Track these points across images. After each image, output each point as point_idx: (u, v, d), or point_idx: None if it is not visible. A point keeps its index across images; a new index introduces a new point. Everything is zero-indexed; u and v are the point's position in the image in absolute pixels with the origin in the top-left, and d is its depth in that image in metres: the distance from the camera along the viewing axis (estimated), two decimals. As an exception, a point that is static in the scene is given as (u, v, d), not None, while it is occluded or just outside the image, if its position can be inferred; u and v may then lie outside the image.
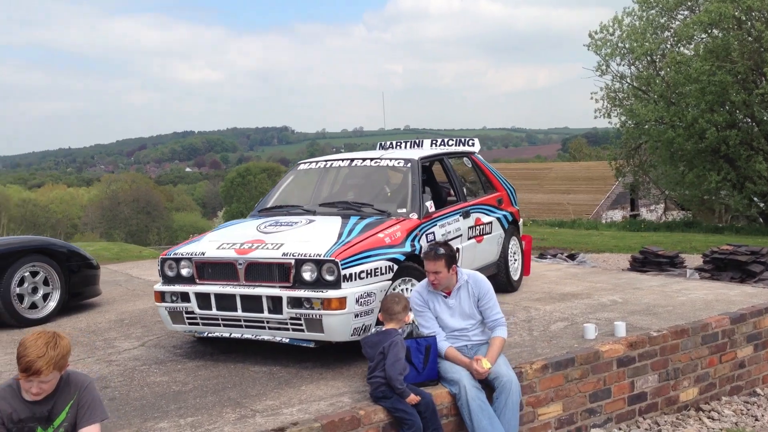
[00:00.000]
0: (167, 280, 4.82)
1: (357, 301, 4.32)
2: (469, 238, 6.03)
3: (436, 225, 5.44)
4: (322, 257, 4.34)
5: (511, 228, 6.90)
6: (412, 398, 3.79)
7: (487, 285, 4.36)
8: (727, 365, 5.48)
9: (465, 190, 6.47)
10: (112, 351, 5.15)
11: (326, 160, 6.12)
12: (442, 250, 4.19)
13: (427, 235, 5.26)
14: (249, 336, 4.60)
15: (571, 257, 10.12)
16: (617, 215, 40.84)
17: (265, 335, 4.53)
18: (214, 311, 4.60)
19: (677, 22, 23.29)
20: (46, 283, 6.17)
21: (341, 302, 4.28)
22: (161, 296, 4.80)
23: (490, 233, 6.43)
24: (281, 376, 4.37)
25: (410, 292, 4.53)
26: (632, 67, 24.37)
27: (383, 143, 7.40)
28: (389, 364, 3.82)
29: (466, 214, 6.03)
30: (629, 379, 4.87)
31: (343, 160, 6.02)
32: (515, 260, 6.96)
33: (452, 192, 6.28)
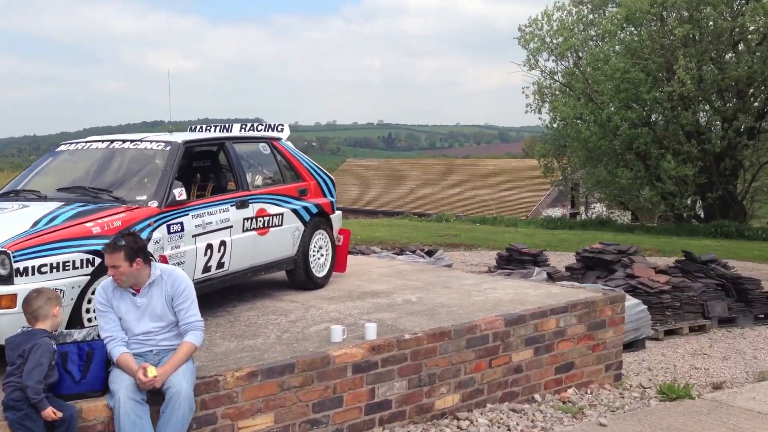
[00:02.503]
0: None
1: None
2: (246, 230, 5.58)
3: (187, 215, 4.97)
4: (-6, 248, 3.85)
5: (317, 221, 6.46)
6: (49, 413, 3.31)
7: (185, 283, 3.91)
8: (499, 370, 5.13)
9: (261, 178, 6.03)
10: None
11: (87, 142, 5.61)
12: (122, 241, 3.72)
13: (170, 225, 4.80)
14: None
15: (429, 254, 9.80)
16: (557, 212, 40.90)
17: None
18: None
19: (605, 19, 23.24)
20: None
21: (11, 300, 3.80)
22: None
23: (281, 225, 5.98)
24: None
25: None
26: (559, 63, 24.30)
27: (193, 126, 6.94)
28: (27, 371, 3.35)
29: (242, 204, 5.57)
30: (369, 386, 4.48)
31: (102, 141, 5.52)
32: (321, 255, 6.54)
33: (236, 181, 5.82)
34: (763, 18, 18.11)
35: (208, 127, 6.80)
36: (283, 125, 6.67)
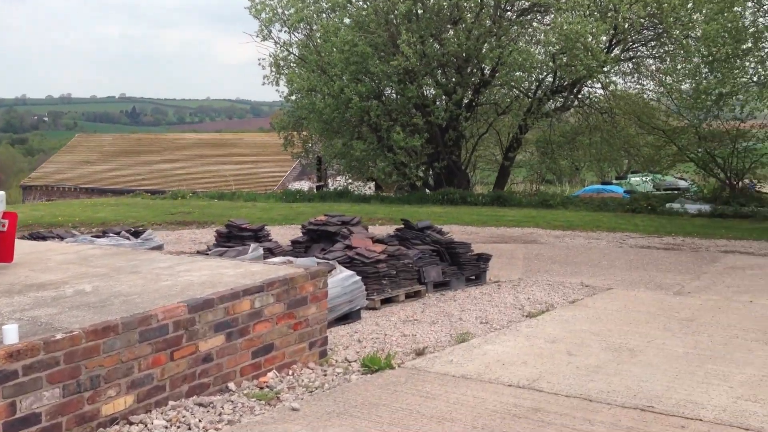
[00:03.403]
0: None
1: None
2: None
3: None
4: None
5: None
6: None
7: None
8: (183, 362, 4.58)
9: None
10: None
11: None
12: None
13: None
14: None
15: (136, 234, 8.96)
16: (305, 186, 41.13)
17: None
18: None
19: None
20: None
21: None
22: None
23: None
24: None
25: None
26: (293, 34, 24.12)
27: None
28: None
29: None
30: (7, 401, 3.68)
31: None
32: (-23, 244, 5.47)
33: None
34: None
35: None
36: None
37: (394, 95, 21.56)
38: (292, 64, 23.84)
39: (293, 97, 23.94)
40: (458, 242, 10.17)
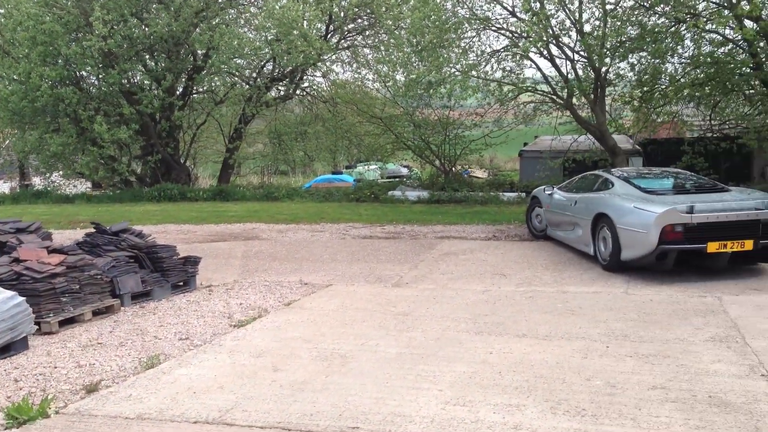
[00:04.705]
0: None
1: None
2: None
3: None
4: None
5: None
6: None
7: None
8: None
9: None
10: None
11: None
12: None
13: None
14: None
15: None
16: (5, 187, 36.07)
17: None
18: None
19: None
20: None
21: None
22: None
23: None
24: None
25: None
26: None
27: None
28: None
29: None
30: None
31: None
32: None
33: None
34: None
35: None
36: None
37: (96, 81, 19.26)
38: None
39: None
40: (161, 246, 8.93)
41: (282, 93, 22.95)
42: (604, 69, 14.97)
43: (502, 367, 5.22)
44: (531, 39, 14.01)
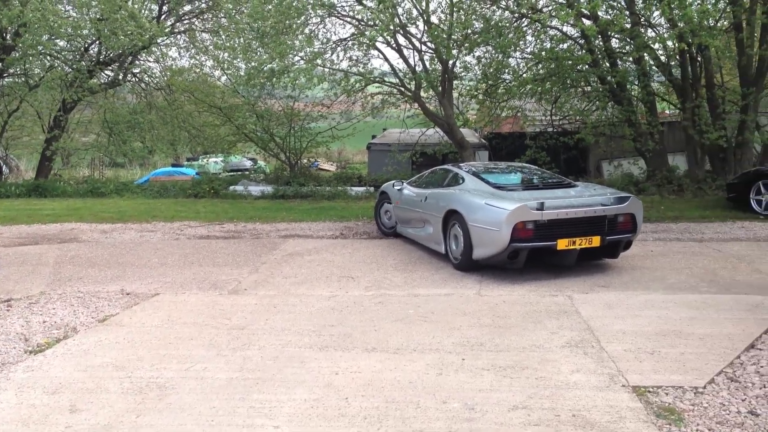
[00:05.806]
0: None
1: None
2: None
3: None
4: None
5: None
6: None
7: None
8: None
9: None
10: None
11: None
12: None
13: None
14: None
15: None
16: None
17: None
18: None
19: None
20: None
21: None
22: None
23: None
24: None
25: None
26: None
27: None
28: None
29: None
30: None
31: None
32: None
33: None
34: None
35: None
36: None
37: None
38: None
39: None
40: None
41: (110, 79, 20.97)
42: (451, 62, 14.77)
43: (349, 392, 4.55)
44: (378, 27, 13.49)
